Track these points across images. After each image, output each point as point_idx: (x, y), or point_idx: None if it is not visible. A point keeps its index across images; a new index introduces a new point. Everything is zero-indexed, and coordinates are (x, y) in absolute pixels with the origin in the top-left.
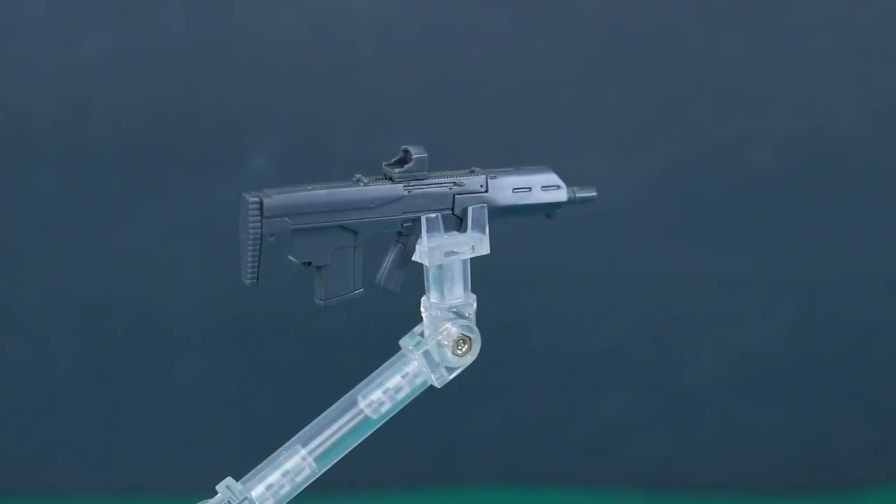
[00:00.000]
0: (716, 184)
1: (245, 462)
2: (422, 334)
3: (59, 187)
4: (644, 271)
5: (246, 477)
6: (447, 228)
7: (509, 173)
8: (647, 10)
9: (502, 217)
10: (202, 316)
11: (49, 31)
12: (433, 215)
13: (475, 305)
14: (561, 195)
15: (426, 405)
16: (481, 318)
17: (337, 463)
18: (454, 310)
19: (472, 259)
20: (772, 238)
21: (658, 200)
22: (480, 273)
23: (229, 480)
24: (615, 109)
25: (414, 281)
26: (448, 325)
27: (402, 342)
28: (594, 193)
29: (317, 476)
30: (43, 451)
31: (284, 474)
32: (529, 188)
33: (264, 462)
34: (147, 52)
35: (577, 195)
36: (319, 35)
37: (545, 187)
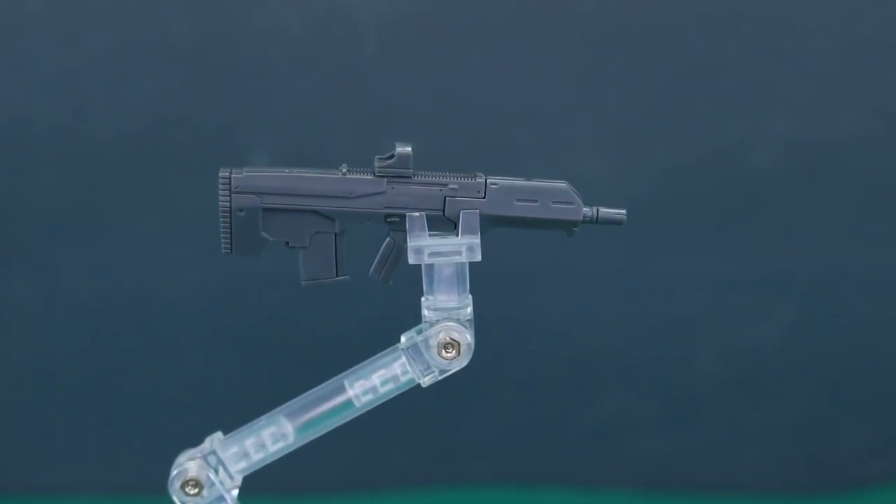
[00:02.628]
0: (716, 184)
1: None
2: (419, 332)
3: (59, 187)
4: (644, 271)
5: (228, 435)
6: (439, 230)
7: (516, 182)
8: (647, 10)
9: (506, 226)
10: (202, 316)
11: (49, 31)
12: (417, 214)
13: (470, 310)
14: (574, 212)
15: (426, 405)
16: (481, 318)
17: (337, 463)
18: (447, 312)
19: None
20: (772, 238)
21: (658, 200)
22: (481, 272)
23: (218, 434)
24: (615, 109)
25: (419, 279)
26: (438, 326)
27: (403, 336)
28: (623, 216)
29: (292, 449)
30: (43, 451)
31: (259, 440)
32: (537, 201)
33: (246, 425)
34: (147, 52)
35: (602, 215)
36: (319, 35)
37: (556, 202)
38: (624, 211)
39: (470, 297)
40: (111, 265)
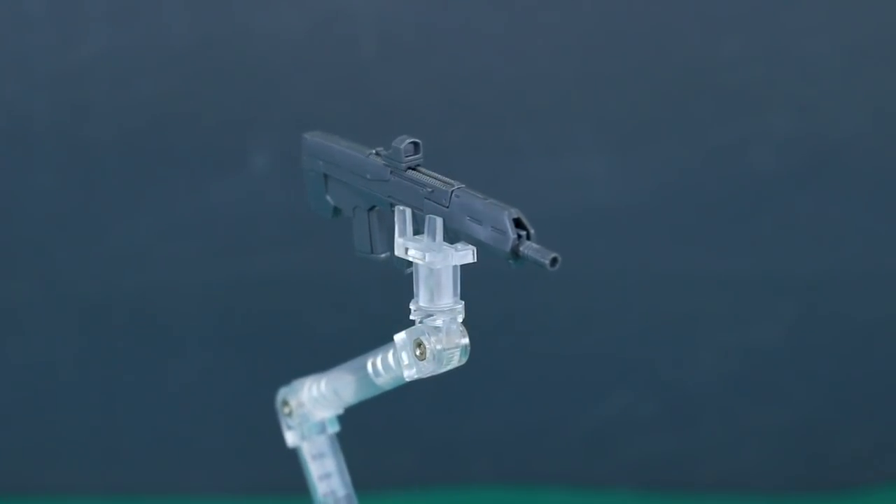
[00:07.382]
0: (716, 184)
1: (245, 462)
2: None
3: (59, 187)
4: (644, 271)
5: (319, 375)
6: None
7: (475, 199)
8: (647, 10)
9: (463, 240)
10: (202, 316)
11: (49, 31)
12: (402, 208)
13: (441, 319)
14: (501, 243)
15: (426, 405)
16: (481, 318)
17: None
18: (424, 314)
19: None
20: (772, 238)
21: (658, 200)
22: (481, 272)
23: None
24: (615, 109)
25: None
26: (415, 327)
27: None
28: (546, 262)
29: (347, 405)
30: (43, 451)
31: (322, 391)
32: (481, 223)
33: (328, 371)
34: (147, 52)
35: (528, 253)
36: (319, 35)
37: (494, 228)
38: (552, 256)
39: (457, 302)
40: (111, 265)
